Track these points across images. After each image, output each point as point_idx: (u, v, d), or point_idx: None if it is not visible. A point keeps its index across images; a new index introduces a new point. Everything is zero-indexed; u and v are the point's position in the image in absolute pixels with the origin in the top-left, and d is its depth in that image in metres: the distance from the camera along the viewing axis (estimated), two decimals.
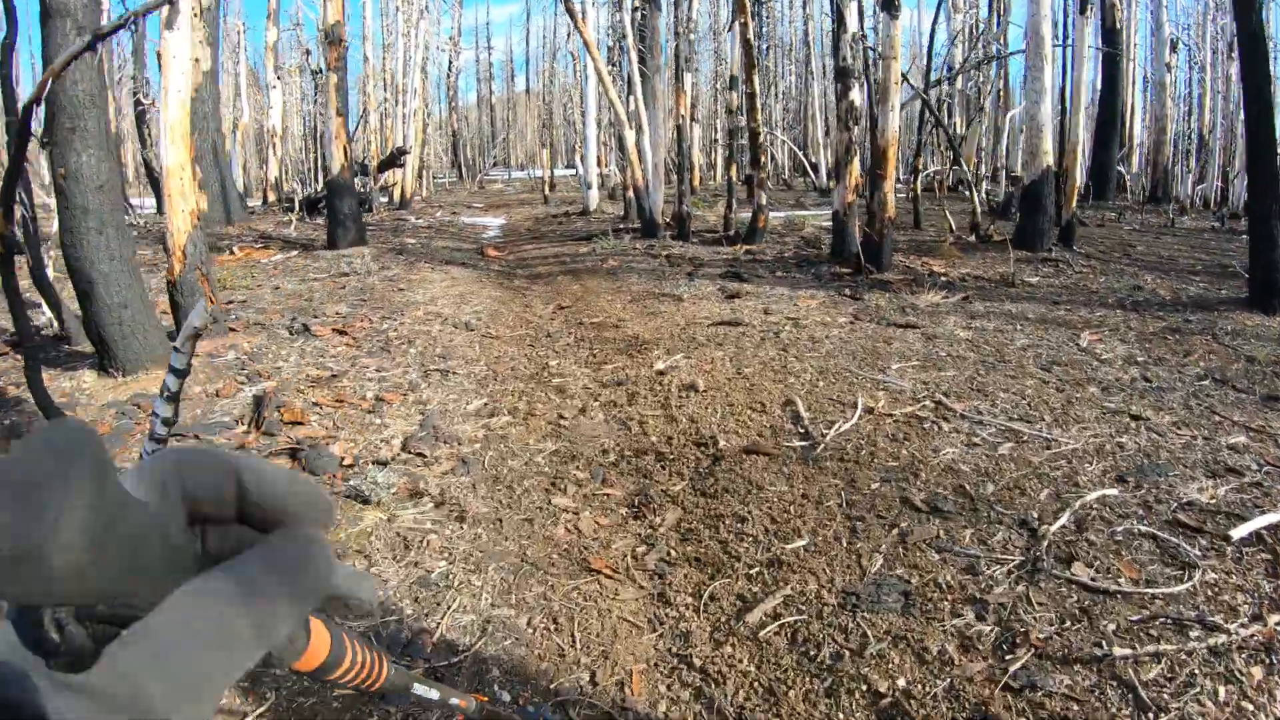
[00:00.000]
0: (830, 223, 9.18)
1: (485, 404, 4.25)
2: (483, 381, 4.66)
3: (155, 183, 14.65)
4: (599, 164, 18.75)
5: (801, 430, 3.57)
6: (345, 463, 3.39)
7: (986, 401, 3.85)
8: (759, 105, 9.28)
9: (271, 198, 21.29)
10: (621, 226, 11.95)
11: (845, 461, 3.21)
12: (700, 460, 3.37)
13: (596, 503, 3.07)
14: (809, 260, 8.67)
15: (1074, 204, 9.38)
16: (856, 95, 8.49)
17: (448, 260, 9.17)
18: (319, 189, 19.65)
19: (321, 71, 24.83)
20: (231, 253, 10.21)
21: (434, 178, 35.26)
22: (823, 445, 3.34)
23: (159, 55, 5.15)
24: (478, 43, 49.01)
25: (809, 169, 22.27)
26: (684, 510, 2.96)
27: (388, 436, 3.73)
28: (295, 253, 9.95)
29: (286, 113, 34.54)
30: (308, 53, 27.93)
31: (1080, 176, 10.38)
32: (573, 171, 40.90)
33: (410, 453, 3.52)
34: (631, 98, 11.24)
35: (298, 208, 18.46)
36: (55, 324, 5.44)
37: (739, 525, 2.78)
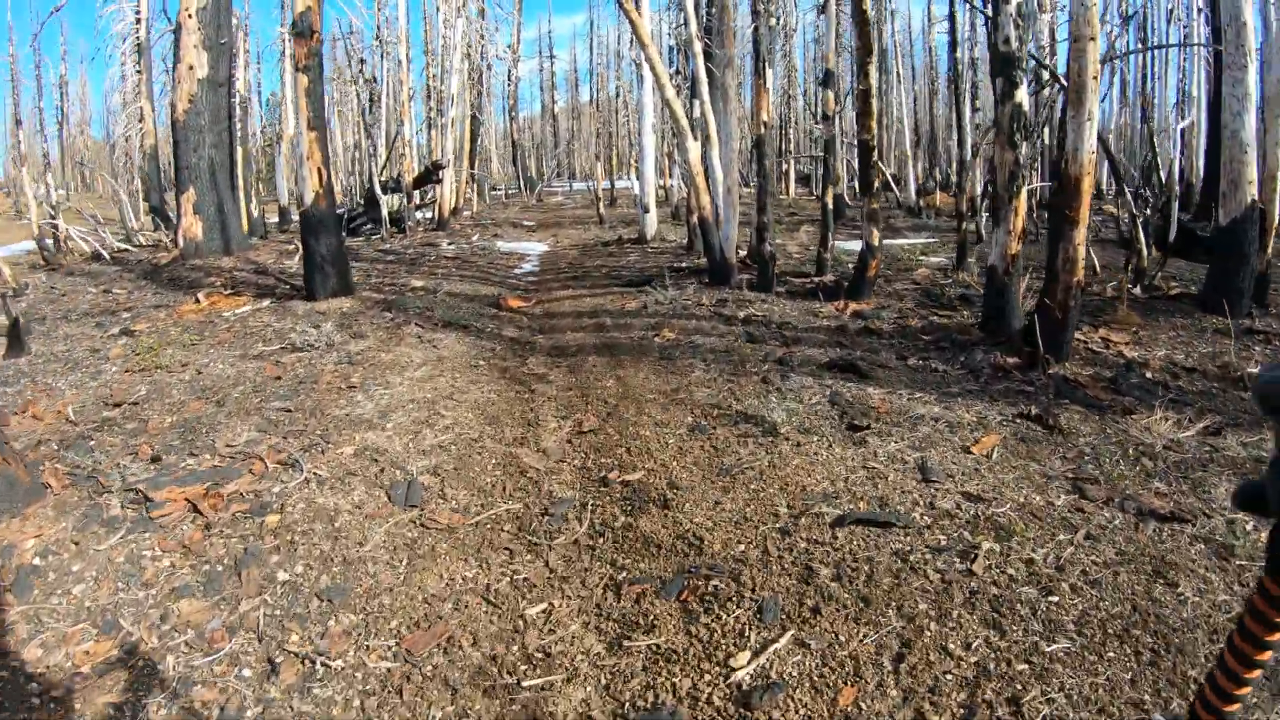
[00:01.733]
0: (943, 258, 6.38)
1: None
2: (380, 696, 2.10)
3: None
4: (662, 174, 16.20)
5: None
6: None
7: None
8: (874, 108, 6.53)
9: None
10: (684, 265, 9.32)
11: None
12: None
13: None
14: (947, 335, 5.88)
15: (1269, 250, 6.46)
16: (1024, 97, 5.69)
17: (448, 321, 6.70)
18: (353, 206, 17.68)
19: (377, 81, 22.98)
20: (197, 300, 8.01)
21: (491, 189, 33.35)
22: None
23: None
24: (540, 52, 47.18)
25: (892, 184, 19.24)
26: None
27: None
28: (268, 303, 7.68)
29: (343, 126, 33.14)
30: (362, 62, 26.24)
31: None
32: (630, 183, 38.55)
33: None
34: (696, 100, 8.61)
35: None
36: None
37: None
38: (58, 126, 31.99)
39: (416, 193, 18.43)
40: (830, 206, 8.08)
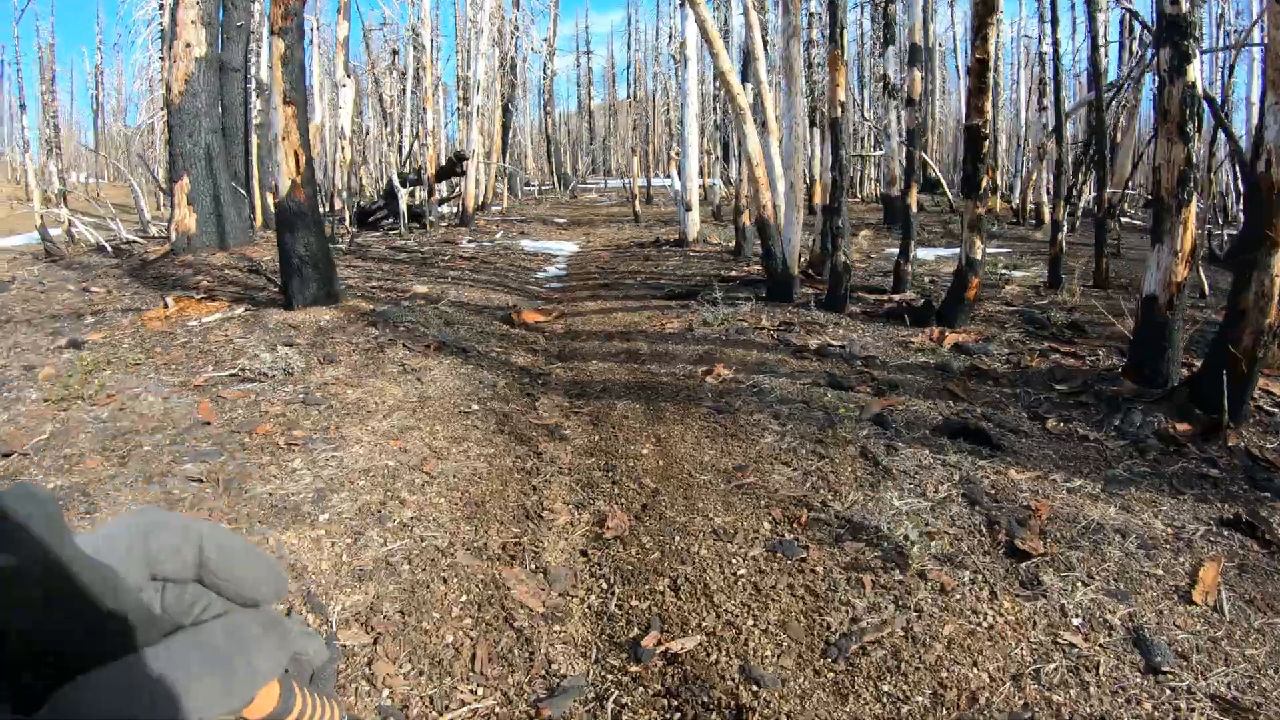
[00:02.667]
0: (1028, 272, 4.89)
1: None
2: None
3: None
4: (700, 172, 14.74)
5: None
6: None
7: None
8: (989, 84, 5.01)
9: (338, 205, 18.37)
10: (732, 275, 7.86)
11: None
12: None
13: None
14: (1085, 383, 4.37)
15: None
16: (1197, 75, 4.21)
17: (443, 342, 5.33)
18: (373, 198, 16.50)
19: (407, 71, 21.83)
20: (166, 305, 6.80)
21: (525, 185, 32.16)
22: None
23: None
24: (577, 47, 45.94)
25: (943, 184, 17.57)
26: None
27: None
28: (241, 310, 6.42)
29: (373, 113, 32.17)
30: (394, 53, 25.19)
31: None
32: (669, 181, 36.97)
33: None
34: (749, 81, 7.15)
35: (348, 220, 15.34)
36: None
37: None
38: (93, 114, 31.55)
39: (442, 186, 17.23)
40: (914, 210, 6.56)
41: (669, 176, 36.74)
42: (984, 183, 5.38)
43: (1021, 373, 4.62)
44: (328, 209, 20.22)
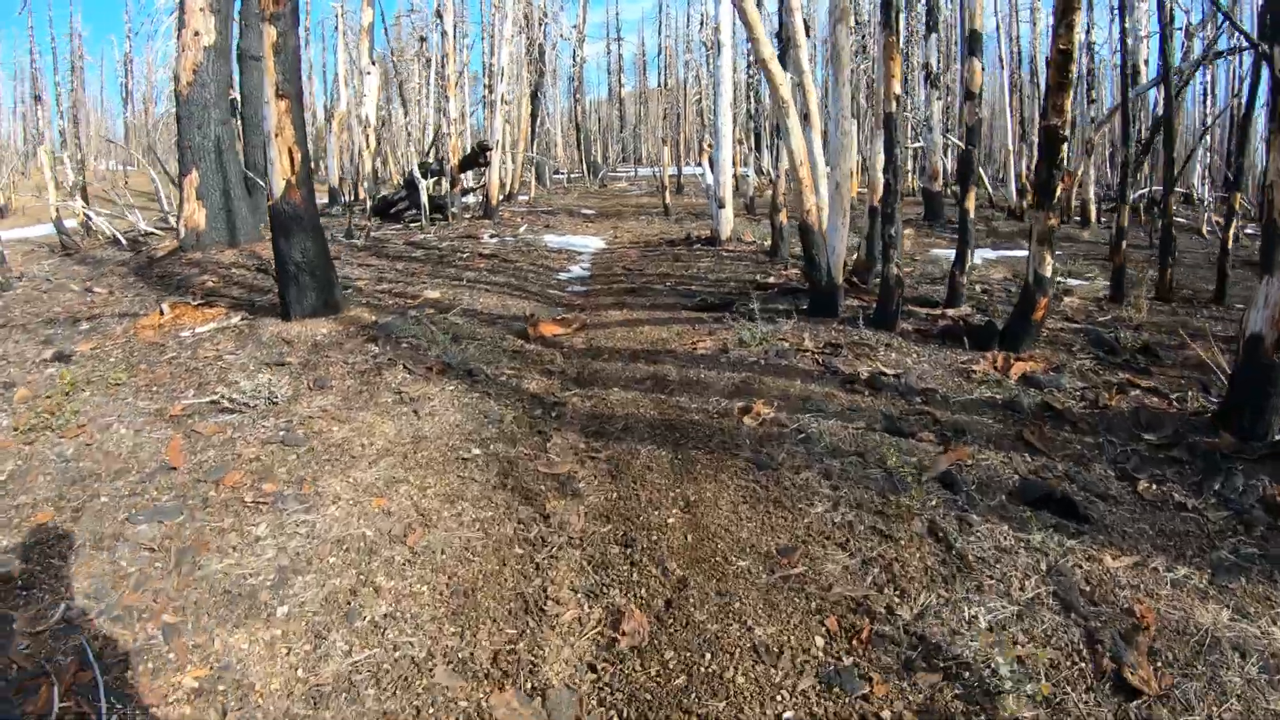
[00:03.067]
0: (1086, 281, 4.26)
1: None
2: None
3: None
4: (733, 163, 14.03)
5: None
6: None
7: None
8: (1072, 79, 4.32)
9: (361, 194, 18.01)
10: (770, 281, 7.22)
11: None
12: None
13: None
14: (1174, 431, 3.74)
15: None
16: None
17: (447, 363, 4.82)
18: (396, 188, 16.08)
19: (432, 59, 21.35)
20: (161, 312, 6.39)
21: (554, 174, 31.62)
22: None
23: None
24: (608, 35, 45.00)
25: (985, 181, 16.68)
26: None
27: None
28: (238, 318, 5.99)
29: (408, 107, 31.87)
30: (422, 40, 24.71)
31: None
32: (700, 170, 36.08)
33: None
34: (789, 67, 6.49)
35: (368, 212, 14.94)
36: None
37: None
38: (122, 103, 31.60)
39: (468, 176, 16.77)
40: (972, 216, 5.88)
41: (700, 166, 35.72)
42: (1059, 191, 4.71)
43: (1101, 414, 3.98)
44: (351, 198, 19.93)
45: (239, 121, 16.35)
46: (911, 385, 4.32)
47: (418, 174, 12.88)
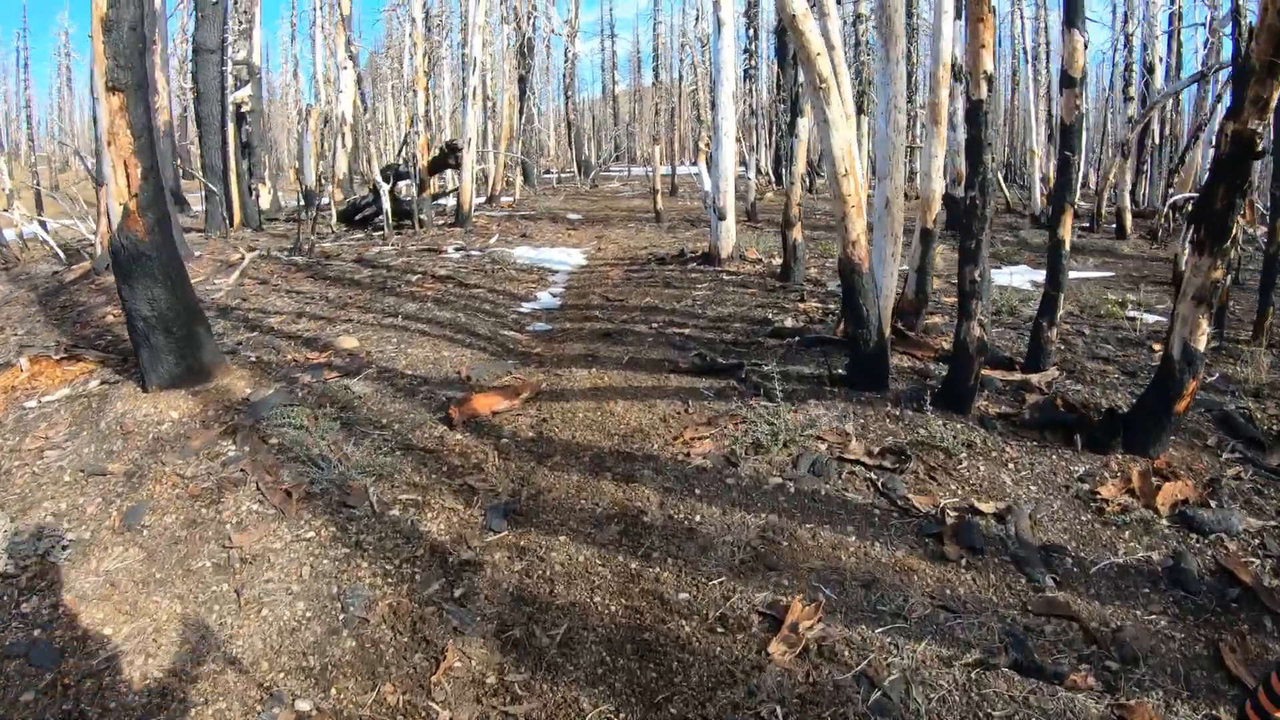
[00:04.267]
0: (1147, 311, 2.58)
1: None
2: None
3: None
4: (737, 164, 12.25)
5: None
6: None
7: None
8: None
9: (339, 197, 16.22)
10: (789, 327, 5.47)
11: None
12: None
13: None
14: None
15: None
16: None
17: (317, 489, 3.10)
18: (364, 194, 14.32)
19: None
20: (20, 367, 4.73)
21: (544, 173, 29.80)
22: None
23: None
24: (601, 31, 43.13)
25: (1001, 184, 14.97)
26: None
27: None
28: (96, 384, 4.31)
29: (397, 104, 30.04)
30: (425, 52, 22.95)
31: None
32: (695, 171, 34.09)
33: None
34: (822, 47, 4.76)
35: (334, 219, 13.20)
36: None
37: None
38: (94, 101, 29.63)
39: (450, 177, 15.03)
40: (1064, 244, 4.18)
41: (694, 166, 33.66)
42: (1236, 228, 3.03)
43: None
44: (323, 202, 18.18)
45: (195, 122, 14.61)
46: (1026, 540, 2.64)
47: (379, 178, 11.14)
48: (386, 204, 11.03)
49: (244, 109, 15.92)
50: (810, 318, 5.65)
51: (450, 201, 14.53)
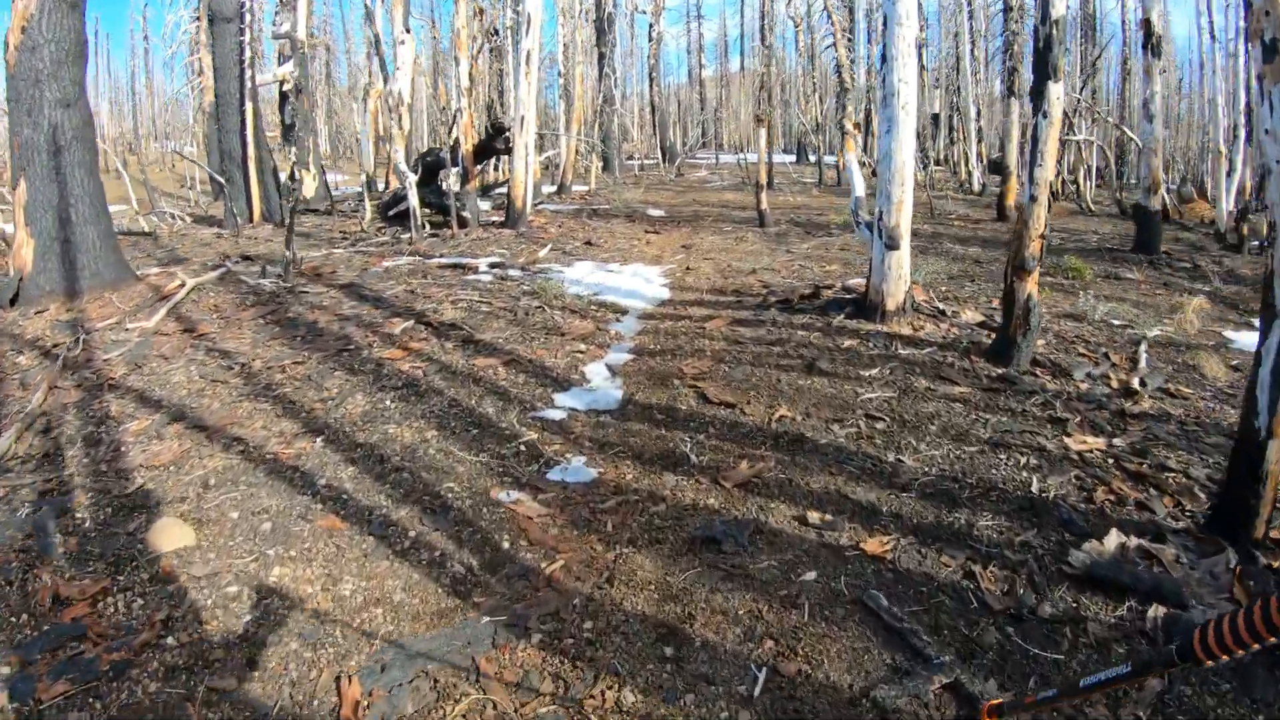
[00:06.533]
0: None
1: None
2: None
3: None
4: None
5: None
6: None
7: None
8: None
9: (395, 184, 13.61)
10: (1056, 499, 2.22)
11: None
12: None
13: None
14: None
15: None
16: None
17: None
18: (401, 187, 11.57)
19: (497, 33, 16.64)
20: None
21: (627, 159, 26.66)
22: None
23: None
24: (688, 14, 39.45)
25: (1165, 196, 10.74)
26: None
27: None
28: None
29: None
30: (479, 13, 20.07)
31: None
32: (791, 159, 29.88)
33: None
34: None
35: (367, 214, 10.51)
36: None
37: None
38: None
39: (500, 165, 12.20)
40: None
41: (790, 152, 29.15)
42: None
43: None
44: (384, 185, 15.64)
45: (214, 108, 12.17)
46: None
47: (404, 167, 8.33)
48: (413, 200, 8.19)
49: (286, 87, 13.40)
50: (1119, 493, 2.40)
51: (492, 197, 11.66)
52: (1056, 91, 3.90)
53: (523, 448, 3.13)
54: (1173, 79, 19.18)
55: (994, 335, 4.33)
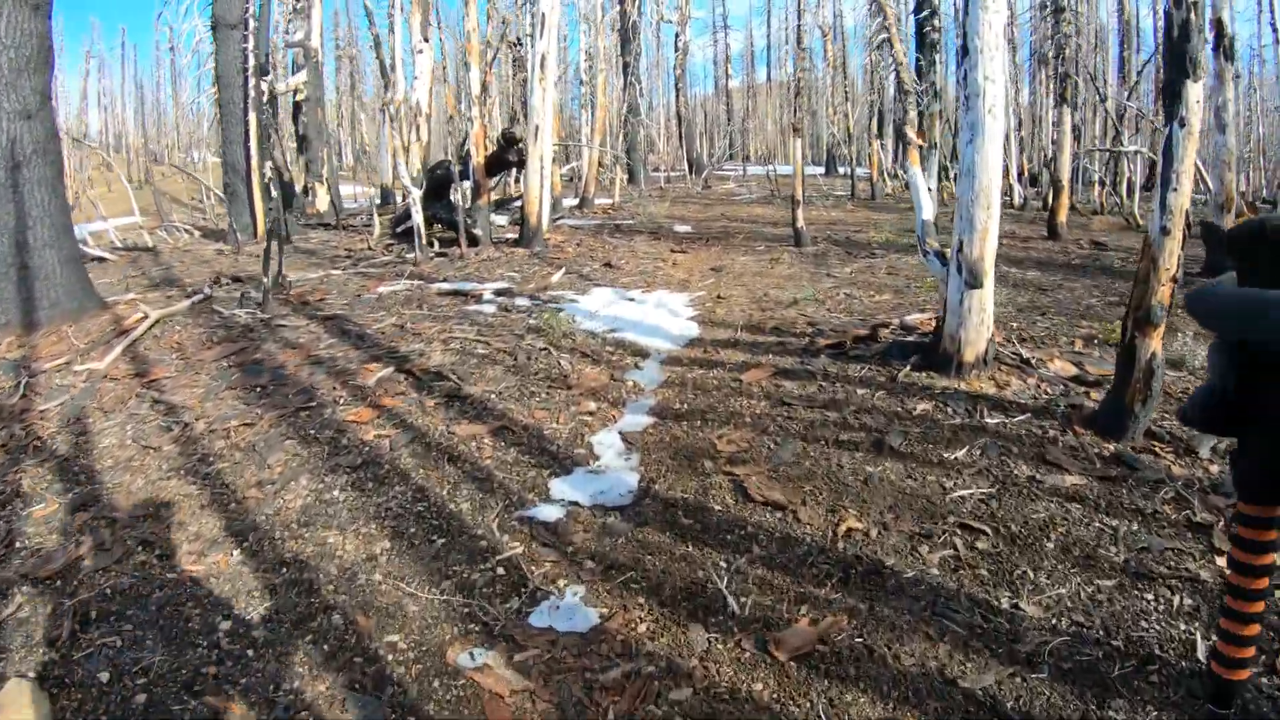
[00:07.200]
0: None
1: None
2: None
3: None
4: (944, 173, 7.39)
5: None
6: None
7: None
8: None
9: (406, 199, 12.97)
10: None
11: None
12: None
13: None
14: None
15: None
16: None
17: None
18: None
19: (519, 43, 16.00)
20: None
21: (652, 170, 25.91)
22: None
23: None
24: (714, 25, 38.69)
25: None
26: None
27: None
28: None
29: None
30: (505, 22, 19.48)
31: None
32: (820, 170, 28.65)
33: None
34: None
35: (375, 231, 9.87)
36: None
37: None
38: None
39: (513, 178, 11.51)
40: None
41: (820, 165, 27.77)
42: None
43: None
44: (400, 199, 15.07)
45: (218, 113, 11.62)
46: None
47: (408, 181, 7.63)
48: (417, 216, 7.49)
49: (299, 97, 12.87)
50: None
51: (508, 212, 10.92)
52: (1196, 94, 3.01)
53: (500, 571, 2.31)
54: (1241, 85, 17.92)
55: (1088, 390, 3.43)
